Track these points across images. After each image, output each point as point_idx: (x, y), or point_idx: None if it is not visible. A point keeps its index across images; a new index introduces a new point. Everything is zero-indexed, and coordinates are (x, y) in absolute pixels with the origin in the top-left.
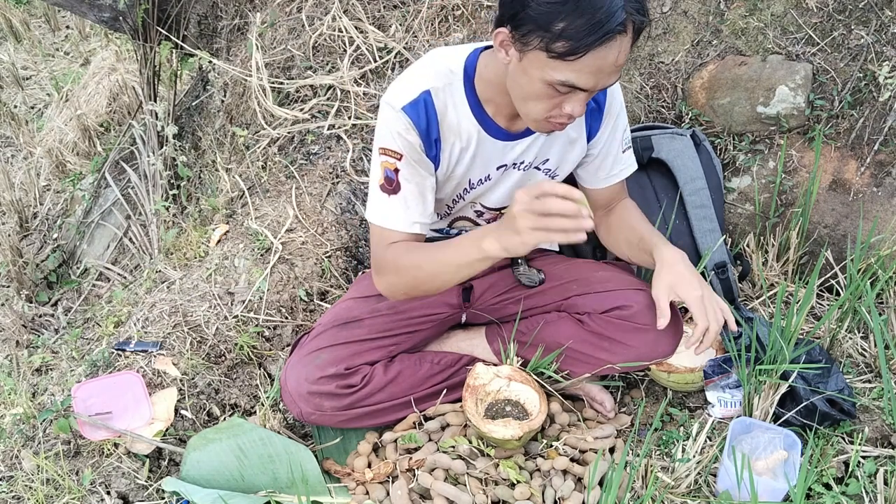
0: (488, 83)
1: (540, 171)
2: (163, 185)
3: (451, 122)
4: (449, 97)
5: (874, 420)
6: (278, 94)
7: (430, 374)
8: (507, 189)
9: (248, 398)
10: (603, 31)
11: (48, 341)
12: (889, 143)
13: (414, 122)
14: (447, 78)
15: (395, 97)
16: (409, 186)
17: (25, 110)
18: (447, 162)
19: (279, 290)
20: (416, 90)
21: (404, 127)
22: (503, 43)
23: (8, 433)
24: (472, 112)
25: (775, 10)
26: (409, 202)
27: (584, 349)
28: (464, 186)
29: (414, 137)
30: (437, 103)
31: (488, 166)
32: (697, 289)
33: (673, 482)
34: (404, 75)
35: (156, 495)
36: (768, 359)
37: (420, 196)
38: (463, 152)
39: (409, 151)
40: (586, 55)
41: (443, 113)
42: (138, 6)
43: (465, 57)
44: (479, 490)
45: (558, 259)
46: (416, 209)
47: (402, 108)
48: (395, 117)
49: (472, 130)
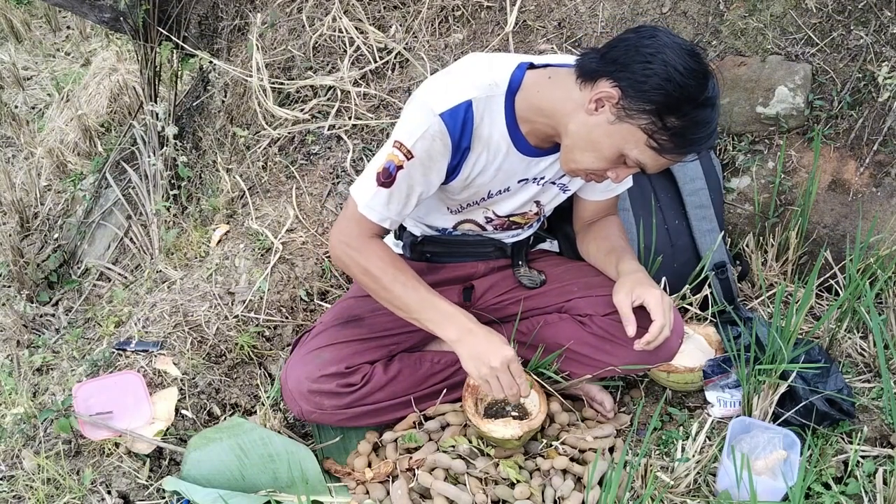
0: (531, 105)
1: (555, 186)
2: (163, 186)
3: (484, 134)
4: (487, 110)
5: (873, 420)
6: (279, 95)
7: (430, 373)
8: (521, 200)
9: (248, 398)
10: (701, 145)
11: (49, 341)
12: (888, 144)
13: (449, 129)
14: (490, 90)
15: (437, 101)
16: (402, 187)
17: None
18: (469, 171)
19: (279, 290)
20: (458, 98)
21: (435, 132)
22: (603, 99)
23: (9, 433)
24: (507, 127)
25: (774, 10)
26: (393, 201)
27: (585, 351)
28: (482, 195)
29: (439, 145)
30: (475, 114)
31: (510, 179)
32: (657, 290)
33: (672, 482)
34: (445, 79)
35: (156, 495)
36: (767, 359)
37: (405, 199)
38: (488, 165)
39: (423, 156)
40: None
41: (478, 124)
42: (139, 7)
43: (511, 71)
44: (479, 490)
45: (559, 261)
46: (395, 209)
47: (441, 114)
48: (430, 121)
49: (501, 144)
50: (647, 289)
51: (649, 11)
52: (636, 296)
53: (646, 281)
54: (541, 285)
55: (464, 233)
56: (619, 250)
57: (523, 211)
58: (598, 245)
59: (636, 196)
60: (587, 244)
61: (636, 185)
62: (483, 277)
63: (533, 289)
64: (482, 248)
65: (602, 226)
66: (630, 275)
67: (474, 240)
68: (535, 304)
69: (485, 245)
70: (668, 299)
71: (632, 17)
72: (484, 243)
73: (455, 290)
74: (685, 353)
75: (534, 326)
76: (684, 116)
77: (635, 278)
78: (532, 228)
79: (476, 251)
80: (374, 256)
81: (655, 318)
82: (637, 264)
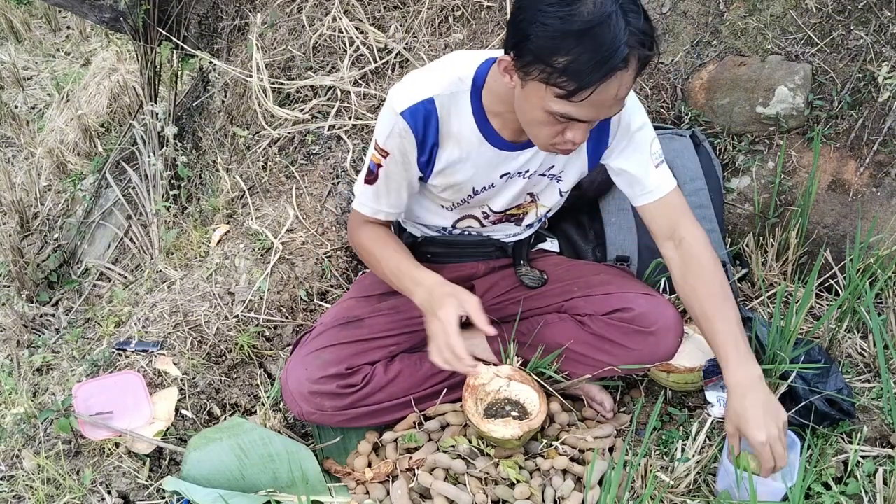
0: (496, 97)
1: (545, 178)
2: (163, 186)
3: (453, 130)
4: (453, 106)
5: (873, 420)
6: (279, 95)
7: (431, 373)
8: (513, 194)
9: (248, 398)
10: (606, 69)
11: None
12: (888, 144)
13: (410, 126)
14: (454, 86)
15: (399, 100)
16: (384, 181)
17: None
18: (443, 166)
19: (279, 290)
20: (419, 95)
21: (399, 130)
22: (507, 69)
23: (9, 433)
24: (476, 122)
25: (774, 10)
26: (380, 194)
27: (585, 351)
28: (468, 192)
29: (405, 142)
30: (439, 111)
31: (491, 175)
32: (762, 430)
33: (672, 482)
34: (415, 75)
35: (156, 495)
36: (768, 359)
37: (390, 193)
38: (463, 160)
39: (395, 152)
40: (589, 91)
41: (445, 120)
42: (139, 7)
43: (477, 66)
44: (479, 490)
45: (560, 260)
46: (384, 201)
47: (401, 112)
48: (394, 119)
49: (473, 140)
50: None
51: (649, 11)
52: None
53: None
54: (542, 285)
55: (463, 231)
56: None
57: (518, 203)
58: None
59: None
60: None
61: None
62: (483, 277)
63: (534, 288)
64: (482, 248)
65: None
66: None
67: (474, 240)
68: (535, 304)
69: (485, 245)
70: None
71: None
72: (484, 243)
73: None
74: (685, 353)
75: (534, 327)
76: (569, 52)
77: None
78: (533, 228)
79: (476, 251)
80: (364, 237)
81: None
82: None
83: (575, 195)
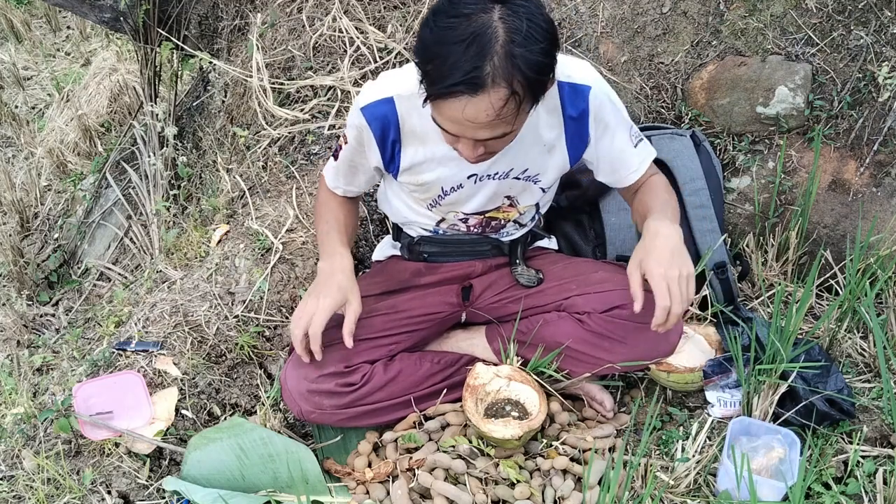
0: None
1: (520, 181)
2: (163, 186)
3: (415, 129)
4: (414, 106)
5: (873, 420)
6: (279, 95)
7: (430, 373)
8: (485, 196)
9: (248, 398)
10: (445, 88)
11: (49, 341)
12: (888, 144)
13: (369, 122)
14: (416, 87)
15: (362, 97)
16: (343, 163)
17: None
18: (409, 163)
19: (280, 290)
20: (379, 94)
21: (358, 124)
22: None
23: (9, 433)
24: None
25: (775, 10)
26: (339, 174)
27: (584, 349)
28: (437, 192)
29: (362, 135)
30: (399, 110)
31: (458, 175)
32: (662, 265)
33: (672, 482)
34: (387, 74)
35: (156, 495)
36: (767, 358)
37: (348, 173)
38: (428, 159)
39: (353, 143)
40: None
41: (405, 119)
42: (139, 7)
43: None
44: (479, 490)
45: (557, 258)
46: (342, 180)
47: (361, 108)
48: (354, 114)
49: (436, 139)
50: (653, 264)
51: (649, 11)
52: (643, 268)
53: (660, 249)
54: (538, 284)
55: (453, 232)
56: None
57: (496, 206)
58: (636, 208)
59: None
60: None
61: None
62: (481, 276)
63: (531, 287)
64: (479, 246)
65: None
66: (651, 238)
67: (470, 238)
68: (534, 303)
69: (481, 244)
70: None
71: (632, 17)
72: (480, 242)
73: (453, 289)
74: (685, 353)
75: (533, 326)
76: (431, 61)
77: (650, 246)
78: (527, 227)
79: (473, 250)
80: (321, 196)
81: (657, 301)
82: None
83: (575, 195)
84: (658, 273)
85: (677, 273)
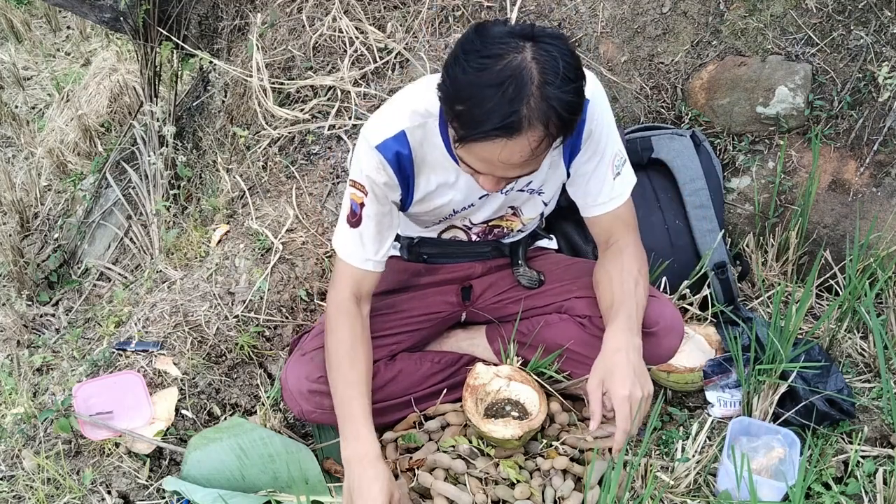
0: None
1: (525, 192)
2: (163, 186)
3: (428, 160)
4: (424, 137)
5: (873, 420)
6: (279, 95)
7: (431, 373)
8: (492, 209)
9: (248, 398)
10: (481, 132)
11: (49, 341)
12: (888, 144)
13: (387, 160)
14: (423, 118)
15: (372, 134)
16: (369, 224)
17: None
18: (422, 194)
19: (280, 290)
20: (392, 129)
21: (375, 165)
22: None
23: (9, 433)
24: (447, 150)
25: (775, 10)
26: (365, 240)
27: (586, 351)
28: (447, 213)
29: (383, 176)
30: (412, 142)
31: (469, 197)
32: (626, 386)
33: (672, 482)
34: (385, 110)
35: (156, 495)
36: (767, 358)
37: (377, 235)
38: (441, 185)
39: (376, 188)
40: (471, 145)
41: (418, 150)
42: (139, 7)
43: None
44: (479, 490)
45: (558, 259)
46: (370, 248)
47: (377, 146)
48: (370, 154)
49: (447, 167)
50: (617, 385)
51: (649, 11)
52: (606, 387)
53: (621, 368)
54: (540, 285)
55: (452, 238)
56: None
57: (500, 215)
58: (601, 291)
59: (636, 196)
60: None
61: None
62: (481, 277)
63: (532, 288)
64: (479, 248)
65: (609, 259)
66: (610, 355)
67: (471, 241)
68: (534, 304)
69: (482, 245)
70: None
71: (632, 17)
72: (481, 243)
73: (453, 289)
74: (685, 353)
75: (534, 326)
76: (464, 102)
77: (610, 364)
78: (528, 230)
79: (473, 251)
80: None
81: (619, 425)
82: (617, 337)
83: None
84: (621, 395)
85: (640, 395)
